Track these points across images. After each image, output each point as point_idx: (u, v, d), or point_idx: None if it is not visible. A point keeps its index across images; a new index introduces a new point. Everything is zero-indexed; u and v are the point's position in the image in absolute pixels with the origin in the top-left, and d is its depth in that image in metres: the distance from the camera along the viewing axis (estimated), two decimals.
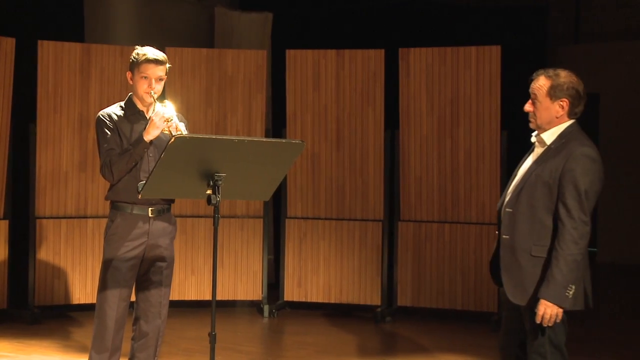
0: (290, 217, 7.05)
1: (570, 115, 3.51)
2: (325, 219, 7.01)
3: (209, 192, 3.31)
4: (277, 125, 7.66)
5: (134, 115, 4.00)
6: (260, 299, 7.01)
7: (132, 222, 3.93)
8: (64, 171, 6.66)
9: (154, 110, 3.91)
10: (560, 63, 10.58)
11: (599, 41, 10.48)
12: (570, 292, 3.39)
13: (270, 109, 8.00)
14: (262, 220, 7.03)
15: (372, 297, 6.91)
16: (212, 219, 3.36)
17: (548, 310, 3.37)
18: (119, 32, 8.00)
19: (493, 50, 6.65)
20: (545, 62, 10.46)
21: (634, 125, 10.10)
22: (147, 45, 4.04)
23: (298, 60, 7.04)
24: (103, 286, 4.05)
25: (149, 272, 4.02)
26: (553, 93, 3.48)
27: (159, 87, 3.94)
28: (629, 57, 10.16)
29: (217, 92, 7.03)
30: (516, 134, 8.12)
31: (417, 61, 6.81)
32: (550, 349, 3.46)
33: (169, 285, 4.08)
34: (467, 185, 6.68)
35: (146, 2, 8.18)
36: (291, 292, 7.04)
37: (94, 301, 6.69)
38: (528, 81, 3.58)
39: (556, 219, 3.40)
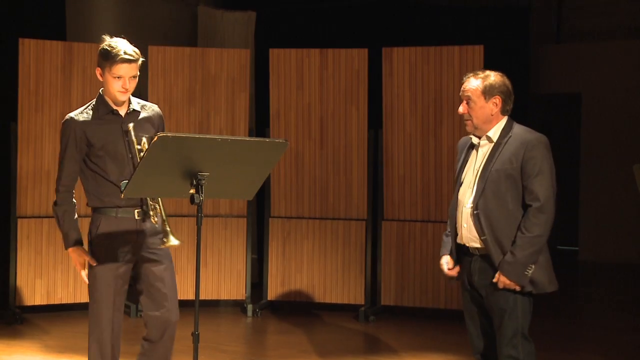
0: (274, 217, 7.05)
1: (502, 112, 3.65)
2: (309, 218, 7.00)
3: (192, 191, 3.30)
4: (260, 124, 7.65)
5: (107, 115, 3.72)
6: (244, 298, 7.00)
7: (119, 225, 3.70)
8: (46, 170, 6.62)
9: (130, 112, 3.72)
10: (543, 63, 10.65)
11: (581, 41, 10.55)
12: (529, 272, 3.50)
13: (254, 108, 7.99)
14: (245, 219, 7.02)
15: (355, 296, 6.92)
16: (195, 218, 3.34)
17: (506, 283, 3.52)
18: (101, 30, 7.90)
19: (476, 50, 6.67)
20: (527, 62, 10.52)
21: (615, 125, 10.18)
22: (118, 39, 3.75)
23: (282, 59, 7.03)
24: (94, 298, 3.73)
25: (149, 278, 3.75)
26: (486, 92, 3.61)
27: (132, 85, 3.70)
28: (611, 57, 10.23)
29: (201, 91, 7.00)
30: None
31: (401, 60, 6.82)
32: (521, 341, 3.60)
33: (174, 287, 3.82)
34: (450, 185, 6.70)
35: (129, 0, 8.13)
36: (275, 292, 7.03)
37: (76, 301, 6.72)
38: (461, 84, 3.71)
39: (524, 206, 3.52)
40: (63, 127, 3.74)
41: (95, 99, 3.79)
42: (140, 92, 7.77)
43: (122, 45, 3.68)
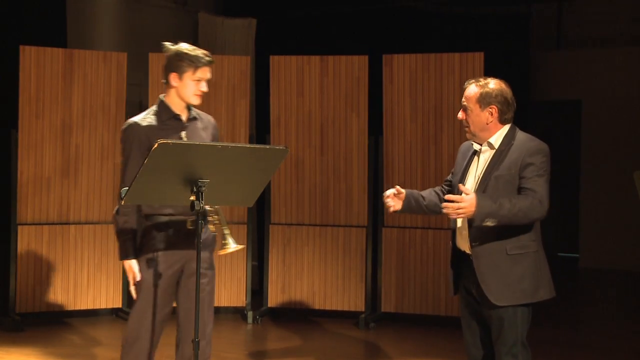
0: (274, 223, 7.04)
1: (500, 121, 3.60)
2: (309, 225, 7.00)
3: (192, 198, 3.30)
4: (261, 131, 7.65)
5: (170, 121, 3.72)
6: (244, 305, 6.99)
7: (169, 234, 3.65)
8: (46, 177, 6.62)
9: (187, 117, 3.71)
10: (543, 69, 10.66)
11: (582, 47, 10.56)
12: (487, 221, 3.40)
13: (254, 115, 8.00)
14: (245, 226, 7.01)
15: (356, 303, 6.91)
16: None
17: (465, 207, 3.38)
18: (102, 37, 7.98)
19: (476, 57, 6.68)
20: (527, 69, 10.53)
21: (616, 132, 10.18)
22: (185, 44, 3.77)
23: (282, 66, 7.04)
24: (138, 308, 3.68)
25: (189, 291, 3.69)
26: (482, 101, 3.57)
27: (206, 88, 3.74)
28: (612, 64, 10.24)
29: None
30: None
31: (401, 67, 6.83)
32: (521, 349, 3.57)
33: (212, 303, 3.80)
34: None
35: (129, 7, 8.16)
36: (275, 299, 7.02)
37: (77, 307, 6.71)
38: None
39: None
40: (126, 132, 3.71)
41: (156, 105, 3.78)
42: (141, 98, 7.82)
43: (198, 50, 3.73)
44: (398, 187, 3.79)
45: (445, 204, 3.44)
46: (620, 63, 10.16)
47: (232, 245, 3.68)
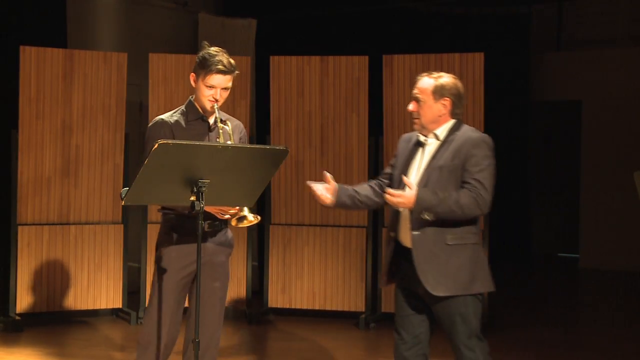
0: (275, 224, 7.05)
1: (451, 115, 3.67)
2: (310, 225, 7.00)
3: (192, 198, 3.30)
4: (261, 131, 7.66)
5: (196, 122, 3.73)
6: (244, 305, 6.99)
7: (186, 233, 3.63)
8: (47, 177, 6.62)
9: (217, 121, 3.67)
10: (543, 70, 10.66)
11: (581, 48, 10.56)
12: (424, 214, 3.45)
13: (254, 116, 8.00)
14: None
15: (356, 303, 6.91)
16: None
17: (404, 201, 3.44)
18: (102, 38, 7.98)
19: (476, 57, 6.68)
20: (527, 69, 10.54)
21: (616, 132, 10.17)
22: (219, 48, 3.74)
23: (282, 66, 7.04)
24: (154, 305, 3.70)
25: (202, 293, 3.67)
26: (437, 92, 3.64)
27: (224, 96, 3.71)
28: (611, 64, 10.24)
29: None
30: (500, 140, 8.15)
31: (401, 68, 6.83)
32: (477, 342, 3.59)
33: (222, 310, 3.83)
34: None
35: (130, 8, 8.16)
36: (275, 299, 7.02)
37: (77, 308, 6.71)
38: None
39: None
40: (153, 127, 3.71)
41: (184, 105, 3.80)
42: (142, 99, 7.83)
43: (220, 56, 3.69)
44: (328, 175, 3.80)
45: (388, 191, 3.48)
46: (620, 63, 10.16)
47: (249, 216, 3.58)
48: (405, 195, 3.41)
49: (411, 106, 3.68)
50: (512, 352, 5.94)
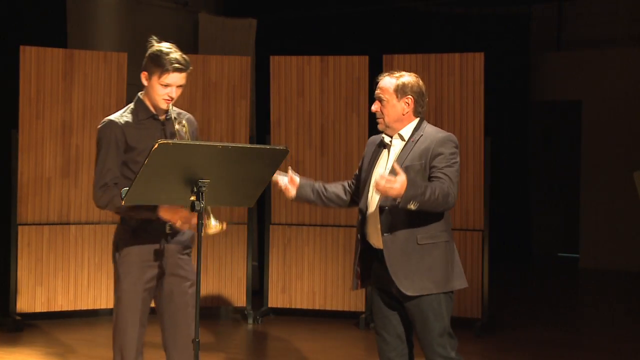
0: (275, 224, 7.05)
1: (415, 113, 3.67)
2: (310, 225, 7.00)
3: (192, 198, 3.30)
4: (261, 131, 7.66)
5: (147, 120, 3.61)
6: (245, 305, 6.99)
7: (148, 237, 3.57)
8: (47, 177, 6.62)
9: (173, 121, 3.59)
10: (543, 70, 10.66)
11: (582, 48, 10.56)
12: (412, 206, 3.40)
13: (255, 115, 8.00)
14: (246, 226, 7.02)
15: (356, 303, 6.91)
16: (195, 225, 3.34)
17: (393, 189, 3.37)
18: (102, 37, 7.97)
19: (476, 57, 6.68)
20: (528, 69, 10.53)
21: (616, 132, 10.18)
22: (168, 44, 3.59)
23: (282, 66, 7.04)
24: (120, 313, 3.60)
25: (172, 294, 3.64)
26: (399, 91, 3.63)
27: (178, 94, 3.57)
28: (612, 64, 10.24)
29: (201, 98, 7.01)
30: (500, 140, 8.17)
31: (401, 68, 6.79)
32: (448, 339, 3.60)
33: (196, 305, 3.65)
34: None
35: (130, 7, 8.16)
36: (275, 299, 7.02)
37: (77, 308, 6.71)
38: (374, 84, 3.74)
39: None
40: (102, 130, 3.57)
41: (133, 103, 3.67)
42: None
43: (174, 53, 3.56)
44: (291, 173, 3.83)
45: (380, 176, 3.42)
46: (620, 63, 10.17)
47: (213, 224, 3.53)
48: (398, 180, 3.36)
49: (374, 106, 3.67)
50: (512, 352, 5.94)
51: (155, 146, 3.13)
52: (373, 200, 3.63)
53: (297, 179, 3.85)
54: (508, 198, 10.09)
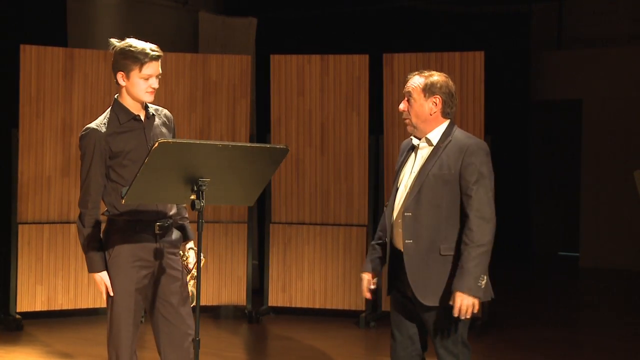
0: (275, 222, 7.05)
1: (443, 114, 3.57)
2: (310, 224, 7.00)
3: (192, 197, 3.29)
4: (261, 130, 7.66)
5: (129, 123, 3.58)
6: (245, 304, 6.99)
7: (137, 239, 3.56)
8: (47, 176, 6.63)
9: (151, 117, 3.59)
10: (543, 69, 10.66)
11: (582, 47, 10.56)
12: (482, 283, 3.41)
13: (255, 114, 8.00)
14: (246, 225, 7.02)
15: (356, 302, 6.91)
16: (196, 224, 3.34)
17: (465, 302, 3.38)
18: (102, 37, 7.96)
19: (477, 55, 6.68)
20: (528, 68, 10.53)
21: (616, 131, 10.18)
22: (131, 39, 3.60)
23: (282, 65, 7.04)
24: (114, 316, 3.68)
25: (163, 294, 3.63)
26: (427, 90, 3.54)
27: (157, 84, 3.58)
28: (612, 63, 10.24)
29: (201, 98, 7.01)
30: (500, 139, 8.17)
31: (401, 67, 6.83)
32: (461, 349, 3.54)
33: (187, 298, 3.68)
34: None
35: (130, 6, 8.16)
36: (275, 298, 7.02)
37: (77, 307, 6.71)
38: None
39: (462, 213, 3.45)
40: (84, 139, 3.54)
41: (110, 108, 3.63)
42: None
43: (144, 44, 3.54)
44: (367, 277, 3.85)
45: (456, 313, 3.41)
46: (620, 63, 10.17)
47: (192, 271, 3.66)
48: (463, 304, 3.37)
49: (402, 105, 3.58)
50: (512, 352, 5.94)
51: (156, 145, 3.13)
52: (398, 205, 3.57)
53: (374, 280, 3.86)
54: (508, 197, 10.08)
